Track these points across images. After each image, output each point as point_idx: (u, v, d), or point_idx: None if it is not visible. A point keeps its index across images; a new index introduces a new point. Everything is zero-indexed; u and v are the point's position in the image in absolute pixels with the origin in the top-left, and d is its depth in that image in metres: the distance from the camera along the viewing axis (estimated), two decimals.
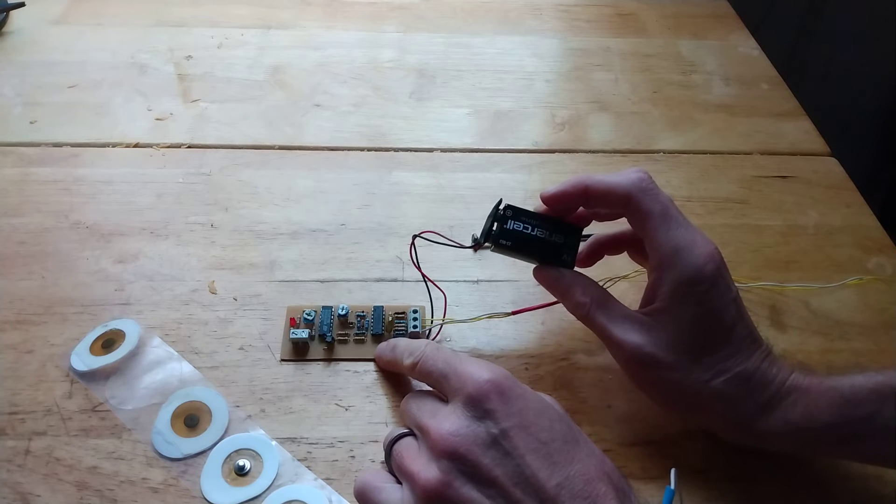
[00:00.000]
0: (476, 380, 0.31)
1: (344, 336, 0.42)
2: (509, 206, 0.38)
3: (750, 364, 0.34)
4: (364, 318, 0.42)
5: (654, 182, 0.36)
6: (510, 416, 0.30)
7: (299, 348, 0.41)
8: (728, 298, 0.34)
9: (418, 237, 0.41)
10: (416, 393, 0.36)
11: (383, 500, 0.32)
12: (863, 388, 0.33)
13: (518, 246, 0.38)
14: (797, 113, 0.63)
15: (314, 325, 0.42)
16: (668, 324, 0.34)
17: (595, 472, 0.29)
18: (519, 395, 0.31)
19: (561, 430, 0.31)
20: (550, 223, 0.38)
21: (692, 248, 0.34)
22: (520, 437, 0.30)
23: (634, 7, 0.76)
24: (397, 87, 0.63)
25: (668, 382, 0.35)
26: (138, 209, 0.50)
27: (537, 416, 0.31)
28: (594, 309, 0.36)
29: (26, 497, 0.34)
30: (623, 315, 0.36)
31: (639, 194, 0.35)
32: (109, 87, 0.61)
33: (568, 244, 0.38)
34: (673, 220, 0.35)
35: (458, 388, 0.32)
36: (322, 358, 0.41)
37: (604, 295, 0.37)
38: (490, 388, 0.31)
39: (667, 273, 0.34)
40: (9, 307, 0.43)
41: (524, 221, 0.38)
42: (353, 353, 0.41)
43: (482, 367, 0.32)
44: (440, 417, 0.31)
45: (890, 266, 0.49)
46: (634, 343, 0.35)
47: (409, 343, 0.38)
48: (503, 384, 0.31)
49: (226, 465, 0.36)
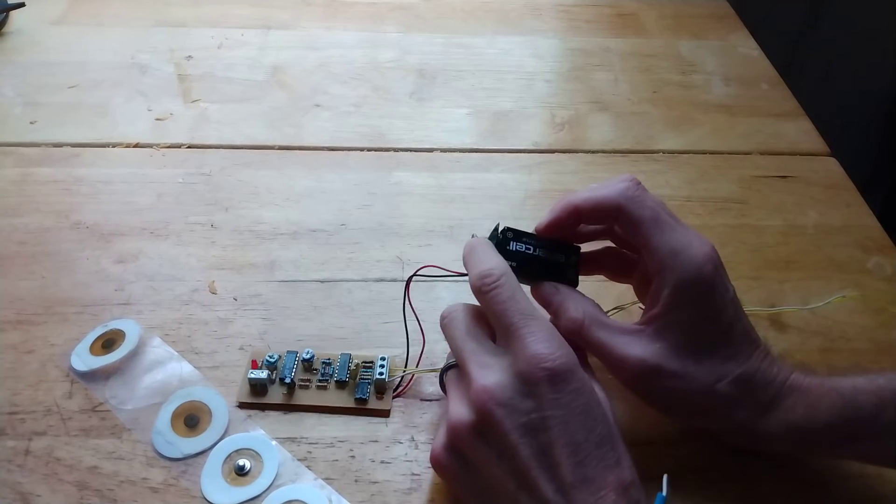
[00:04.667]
0: (535, 362, 0.30)
1: (306, 381, 0.39)
2: (509, 229, 0.37)
3: (750, 365, 0.34)
4: (329, 366, 0.40)
5: (640, 188, 0.35)
6: (556, 406, 0.29)
7: (257, 391, 0.39)
8: (726, 299, 0.34)
9: (416, 275, 0.39)
10: (461, 319, 0.34)
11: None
12: (864, 390, 0.33)
13: (522, 267, 0.37)
14: (797, 113, 0.63)
15: (276, 368, 0.40)
16: (669, 329, 0.34)
17: (613, 483, 0.29)
18: (573, 390, 0.30)
19: (598, 433, 0.30)
20: (549, 243, 0.37)
21: (689, 250, 0.34)
22: (557, 428, 0.29)
23: (634, 7, 0.76)
24: (397, 87, 0.63)
25: (674, 391, 0.34)
26: (138, 209, 0.50)
27: (582, 415, 0.30)
28: (588, 325, 0.35)
29: (26, 497, 0.34)
30: (620, 330, 0.35)
31: (627, 203, 0.35)
32: (110, 87, 0.61)
33: (569, 263, 0.38)
34: (665, 224, 0.34)
35: (516, 355, 0.30)
36: (279, 403, 0.39)
37: (597, 311, 0.36)
38: (545, 375, 0.30)
39: (666, 277, 0.34)
40: (9, 307, 0.43)
41: (525, 242, 0.37)
42: (314, 399, 0.39)
43: (549, 343, 0.30)
44: (487, 370, 0.31)
45: (890, 266, 0.49)
46: (638, 357, 0.34)
47: (482, 260, 0.34)
48: (561, 372, 0.30)
49: (226, 465, 0.36)
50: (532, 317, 0.31)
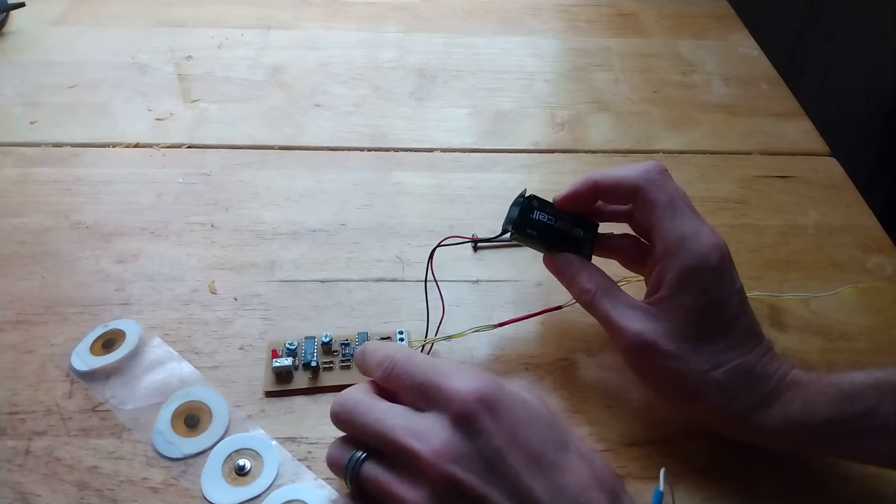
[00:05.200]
0: (463, 396, 0.29)
1: (329, 363, 0.40)
2: (535, 197, 0.39)
3: (750, 358, 0.34)
4: (348, 346, 0.41)
5: (664, 174, 0.37)
6: (502, 433, 0.29)
7: (283, 378, 0.39)
8: (732, 290, 0.35)
9: (441, 245, 0.41)
10: (364, 398, 0.33)
11: None
12: (862, 384, 0.33)
13: (541, 236, 0.39)
14: (797, 113, 0.63)
15: (297, 354, 0.40)
16: (671, 312, 0.35)
17: (587, 480, 0.29)
18: (508, 408, 0.30)
19: (551, 438, 0.30)
20: (570, 217, 0.39)
21: (697, 238, 0.35)
22: (513, 455, 0.29)
23: (634, 7, 0.76)
24: (397, 87, 0.63)
25: (668, 371, 0.35)
26: (138, 209, 0.50)
27: (528, 429, 0.30)
28: (599, 296, 0.37)
29: (26, 497, 0.34)
30: (627, 303, 0.36)
31: (646, 185, 0.36)
32: (110, 87, 0.61)
33: (587, 238, 0.39)
34: (679, 210, 0.35)
35: (443, 404, 0.30)
36: (307, 388, 0.39)
37: (609, 283, 0.37)
38: (479, 406, 0.29)
39: (672, 261, 0.35)
40: (9, 307, 0.43)
41: (548, 213, 0.39)
42: (339, 379, 0.39)
43: (465, 377, 0.30)
44: (425, 436, 0.29)
45: (890, 266, 0.49)
46: (636, 330, 0.35)
47: (376, 350, 0.34)
48: (491, 396, 0.30)
49: (226, 465, 0.36)
50: (440, 366, 0.32)
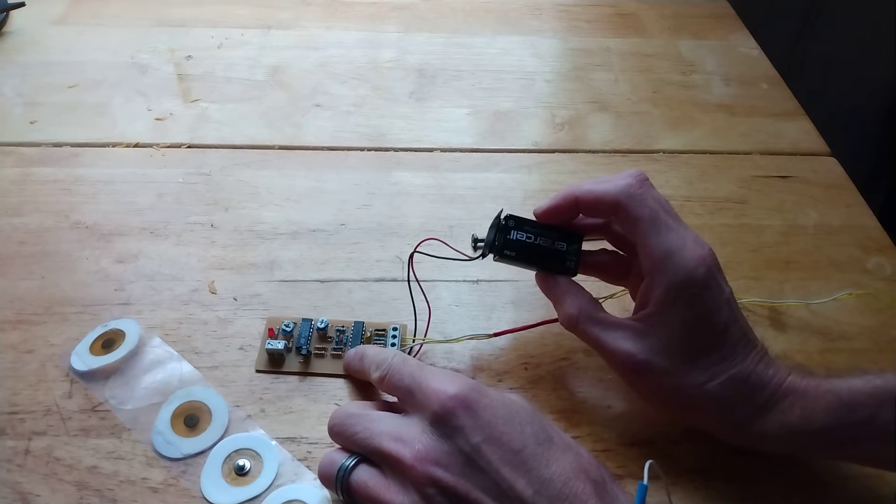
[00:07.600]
0: (441, 396, 0.31)
1: (321, 350, 0.41)
2: (511, 217, 0.38)
3: (745, 366, 0.34)
4: (343, 333, 0.41)
5: (644, 186, 0.36)
6: (479, 429, 0.30)
7: (275, 359, 0.40)
8: (721, 300, 0.34)
9: (417, 251, 0.41)
10: (356, 411, 0.34)
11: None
12: (861, 392, 0.33)
13: (522, 256, 0.38)
14: (797, 113, 0.63)
15: (292, 336, 0.41)
16: (661, 328, 0.34)
17: (571, 471, 0.29)
18: (486, 406, 0.31)
19: (532, 432, 0.30)
20: (552, 231, 0.38)
21: (682, 252, 0.34)
22: (492, 450, 0.29)
23: (634, 7, 0.76)
24: (397, 87, 0.63)
25: (664, 387, 0.35)
26: (138, 209, 0.50)
27: (507, 424, 0.30)
28: (584, 320, 0.36)
29: (26, 497, 0.34)
30: (614, 324, 0.36)
31: (627, 201, 0.35)
32: (109, 87, 0.61)
33: (570, 251, 0.38)
34: (662, 225, 0.35)
35: (424, 405, 0.31)
36: (297, 371, 0.40)
37: (594, 305, 0.37)
38: (456, 404, 0.30)
39: (658, 277, 0.34)
40: (9, 307, 0.43)
41: (527, 231, 0.38)
42: (329, 367, 0.40)
43: (446, 380, 0.32)
44: (408, 441, 0.31)
45: (890, 266, 0.49)
46: (627, 351, 0.35)
47: (376, 354, 0.37)
48: (468, 397, 0.31)
49: (226, 465, 0.36)
50: (427, 371, 0.33)
